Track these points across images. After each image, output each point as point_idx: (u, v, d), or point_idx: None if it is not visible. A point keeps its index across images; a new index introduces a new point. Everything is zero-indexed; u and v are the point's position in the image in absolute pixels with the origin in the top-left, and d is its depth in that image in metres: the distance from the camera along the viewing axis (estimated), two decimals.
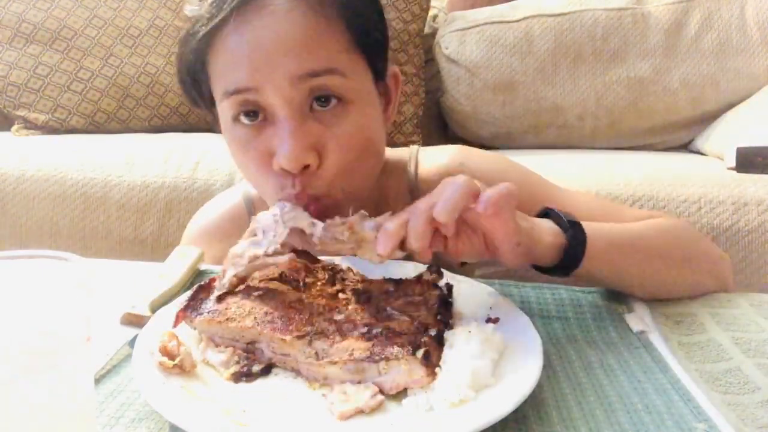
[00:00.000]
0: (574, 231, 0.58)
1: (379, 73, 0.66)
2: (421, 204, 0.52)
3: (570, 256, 0.58)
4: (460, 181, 0.51)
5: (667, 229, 0.70)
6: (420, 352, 0.46)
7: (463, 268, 0.68)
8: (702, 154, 1.65)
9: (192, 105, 0.70)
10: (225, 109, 0.61)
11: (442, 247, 0.54)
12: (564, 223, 0.58)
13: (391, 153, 0.75)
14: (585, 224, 0.59)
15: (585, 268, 0.59)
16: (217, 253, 0.78)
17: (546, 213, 0.61)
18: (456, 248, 0.54)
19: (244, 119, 0.60)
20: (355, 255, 0.55)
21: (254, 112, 0.60)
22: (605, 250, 0.60)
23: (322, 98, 0.59)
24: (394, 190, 0.74)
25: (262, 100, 0.59)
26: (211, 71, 0.62)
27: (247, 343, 0.51)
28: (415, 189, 0.74)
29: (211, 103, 0.66)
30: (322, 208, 0.60)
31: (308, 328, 0.50)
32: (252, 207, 0.82)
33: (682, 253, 0.67)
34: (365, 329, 0.50)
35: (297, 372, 0.50)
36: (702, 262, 0.69)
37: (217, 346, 0.51)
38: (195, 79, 0.65)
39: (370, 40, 0.63)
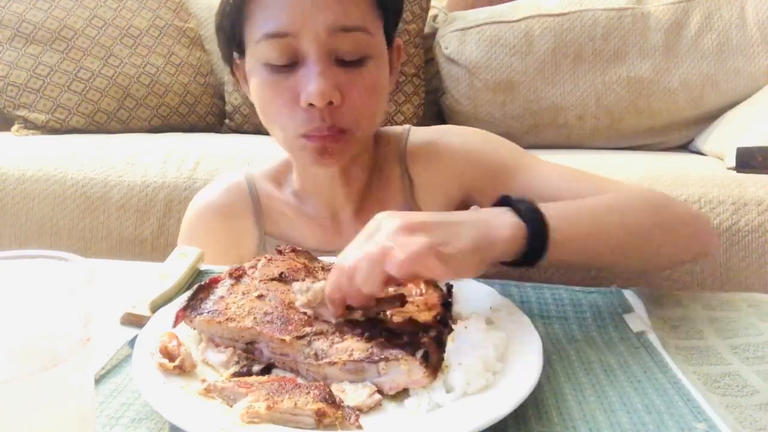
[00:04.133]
0: (534, 221, 0.55)
1: (389, 40, 0.75)
2: (346, 274, 0.50)
3: (533, 247, 0.56)
4: (363, 256, 0.49)
5: (638, 199, 0.68)
6: (419, 353, 0.46)
7: None
8: (702, 154, 1.65)
9: (224, 56, 0.77)
10: (259, 50, 0.69)
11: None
12: (523, 213, 0.56)
13: (388, 129, 0.86)
14: (547, 210, 0.57)
15: (553, 256, 0.57)
16: (217, 229, 0.83)
17: (506, 200, 0.59)
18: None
19: (276, 62, 0.68)
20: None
21: (284, 55, 0.67)
22: (573, 234, 0.58)
23: (347, 51, 0.68)
24: (389, 157, 0.83)
25: (297, 44, 0.67)
26: (250, 15, 0.69)
27: (247, 343, 0.51)
28: (403, 157, 0.83)
29: (239, 51, 0.74)
30: (342, 143, 0.70)
31: (308, 329, 0.50)
32: (253, 185, 0.84)
33: (656, 222, 0.65)
34: (365, 330, 0.50)
35: (296, 372, 0.50)
36: (679, 226, 0.67)
37: (217, 346, 0.51)
38: (232, 25, 0.72)
39: (389, 7, 0.73)
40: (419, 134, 0.85)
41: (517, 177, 0.78)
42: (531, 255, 0.56)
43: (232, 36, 0.73)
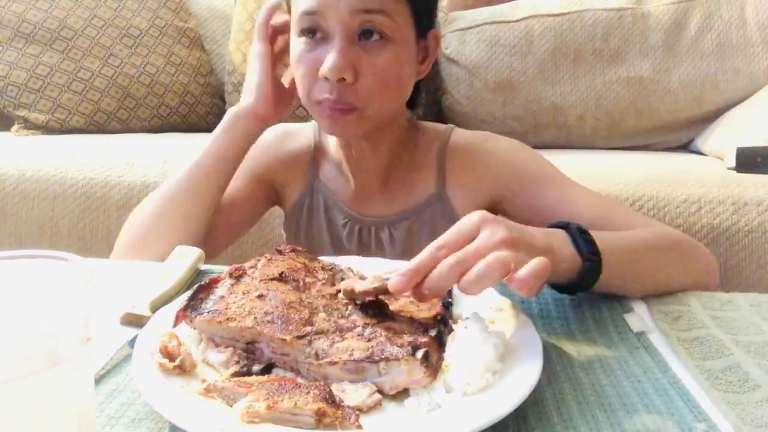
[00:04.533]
0: (590, 260, 0.58)
1: (421, 31, 0.79)
2: (451, 259, 0.50)
3: (583, 283, 0.59)
4: (494, 260, 0.49)
5: (667, 239, 0.73)
6: (420, 353, 0.46)
7: None
8: (702, 154, 1.65)
9: None
10: (297, 24, 0.77)
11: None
12: (582, 250, 0.58)
13: (433, 124, 0.92)
14: (600, 246, 0.59)
15: (593, 288, 0.61)
16: (278, 146, 0.93)
17: (561, 223, 0.61)
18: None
19: (307, 35, 0.76)
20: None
21: (314, 31, 0.75)
22: (614, 271, 0.61)
23: (368, 32, 0.74)
24: (427, 147, 0.88)
25: (323, 22, 0.74)
26: None
27: (247, 343, 0.51)
28: (442, 151, 0.87)
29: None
30: (350, 117, 0.75)
31: (308, 328, 0.50)
32: (318, 132, 0.93)
33: (681, 263, 0.70)
34: (365, 329, 0.50)
35: (297, 372, 0.50)
36: (698, 266, 0.72)
37: (217, 346, 0.51)
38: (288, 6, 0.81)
39: None
40: (463, 134, 0.90)
41: (548, 192, 0.82)
42: (578, 287, 0.60)
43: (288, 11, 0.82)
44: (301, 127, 0.95)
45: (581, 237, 0.59)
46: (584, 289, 0.60)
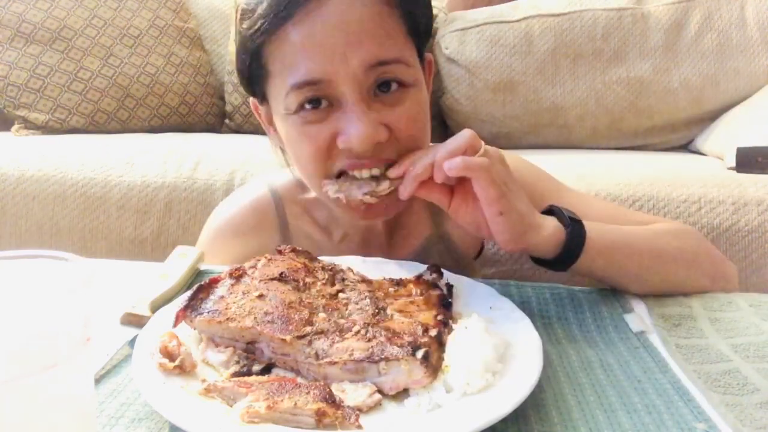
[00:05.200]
0: (574, 228, 0.60)
1: (422, 61, 0.70)
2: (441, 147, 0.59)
3: (569, 250, 0.60)
4: (465, 133, 0.58)
5: (670, 232, 0.71)
6: (420, 353, 0.46)
7: (465, 269, 0.69)
8: (702, 154, 1.65)
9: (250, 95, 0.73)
10: (288, 101, 0.63)
11: (447, 202, 0.61)
12: (566, 219, 0.61)
13: None
14: (586, 223, 0.62)
15: (583, 264, 0.61)
16: (241, 248, 0.77)
17: (551, 210, 0.64)
18: (457, 209, 0.61)
19: (307, 106, 0.63)
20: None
21: (317, 100, 0.62)
22: (604, 248, 0.63)
23: (386, 83, 0.63)
24: None
25: (330, 89, 0.61)
26: (270, 67, 0.64)
27: (247, 343, 0.51)
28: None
29: (259, 99, 0.70)
30: (391, 197, 0.64)
31: (308, 328, 0.50)
32: (279, 198, 0.80)
33: (682, 255, 0.68)
34: (365, 329, 0.50)
35: (297, 372, 0.50)
36: (703, 264, 0.70)
37: (217, 346, 0.51)
38: (250, 78, 0.68)
39: (420, 27, 0.68)
40: None
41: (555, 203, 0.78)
42: (565, 258, 0.61)
43: (250, 86, 0.70)
44: (250, 212, 0.80)
45: (566, 213, 0.62)
46: (570, 262, 0.61)
